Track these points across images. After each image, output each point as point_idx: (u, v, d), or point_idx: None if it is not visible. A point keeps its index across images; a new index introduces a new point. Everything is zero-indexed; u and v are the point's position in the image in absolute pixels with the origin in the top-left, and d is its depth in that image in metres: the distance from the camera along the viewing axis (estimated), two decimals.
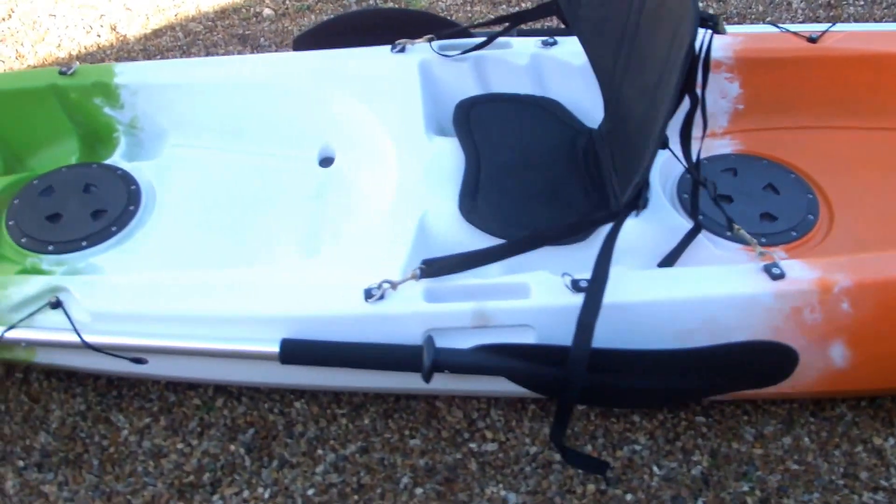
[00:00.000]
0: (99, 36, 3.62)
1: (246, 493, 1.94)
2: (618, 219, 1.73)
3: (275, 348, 1.78)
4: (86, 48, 3.56)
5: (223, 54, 3.45)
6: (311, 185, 2.38)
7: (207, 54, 3.45)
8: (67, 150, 2.53)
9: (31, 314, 1.87)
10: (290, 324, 1.81)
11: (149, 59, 3.46)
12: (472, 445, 2.00)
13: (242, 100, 2.48)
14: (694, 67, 1.68)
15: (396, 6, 3.63)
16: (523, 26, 2.54)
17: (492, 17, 3.42)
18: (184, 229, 2.28)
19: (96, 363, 1.95)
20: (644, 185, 1.69)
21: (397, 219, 2.03)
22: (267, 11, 3.66)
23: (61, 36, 3.63)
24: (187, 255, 2.20)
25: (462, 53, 2.40)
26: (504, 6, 3.53)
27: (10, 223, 2.25)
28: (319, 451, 2.01)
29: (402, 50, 2.45)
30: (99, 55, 3.51)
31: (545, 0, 2.40)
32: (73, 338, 1.83)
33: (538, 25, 2.64)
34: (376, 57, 2.46)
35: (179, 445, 2.04)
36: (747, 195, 2.21)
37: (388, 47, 2.47)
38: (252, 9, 3.69)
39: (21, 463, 2.03)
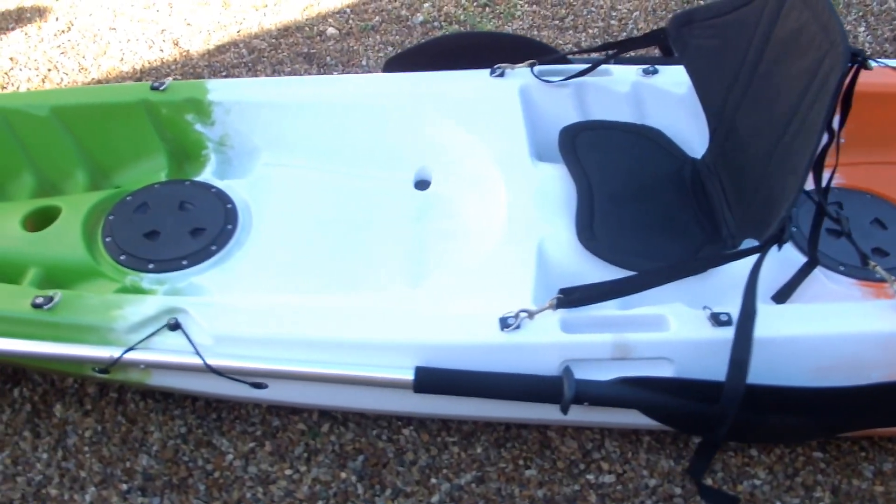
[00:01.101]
0: (162, 51, 3.60)
1: None
2: (762, 252, 1.72)
3: (408, 376, 1.74)
4: (149, 63, 3.53)
5: (289, 72, 3.43)
6: (408, 208, 2.36)
7: (273, 72, 3.43)
8: (155, 166, 2.50)
9: (150, 336, 1.83)
10: (422, 351, 1.77)
11: (214, 75, 3.44)
12: (590, 477, 1.97)
13: (337, 120, 2.45)
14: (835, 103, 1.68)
15: (493, 30, 3.60)
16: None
17: (562, 43, 3.44)
18: (283, 250, 2.24)
19: (213, 387, 1.90)
20: (788, 220, 1.69)
21: (513, 246, 2.01)
22: (331, 30, 3.65)
23: (123, 50, 3.61)
24: (289, 277, 2.16)
25: (566, 79, 2.40)
26: (571, 32, 3.53)
27: (108, 240, 2.21)
28: (433, 480, 1.97)
29: (502, 74, 2.44)
30: (163, 70, 3.48)
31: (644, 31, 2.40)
32: (195, 361, 1.79)
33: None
34: (475, 80, 2.45)
35: (288, 472, 2.00)
36: (856, 230, 2.20)
37: (487, 71, 2.46)
38: (315, 27, 3.68)
39: (124, 486, 1.98)
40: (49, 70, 3.50)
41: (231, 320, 1.83)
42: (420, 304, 1.87)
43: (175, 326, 1.83)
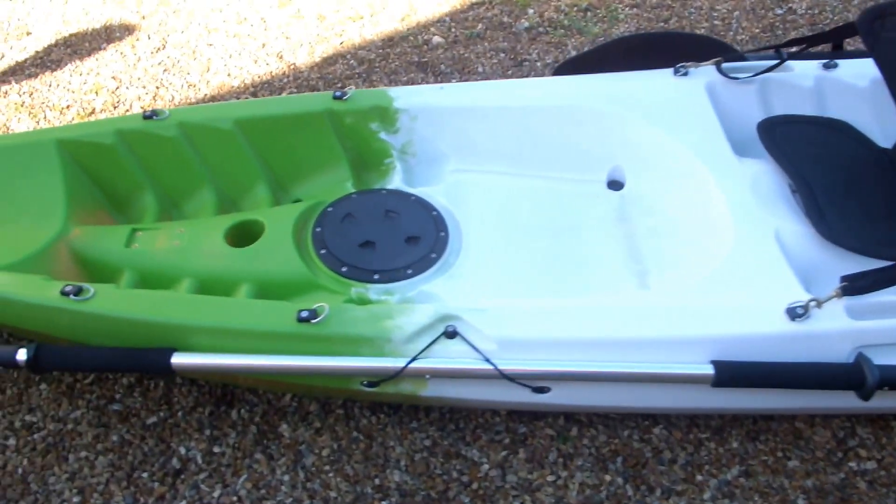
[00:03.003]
0: (268, 65, 3.54)
1: None
2: None
3: (707, 371, 1.73)
4: (259, 77, 3.46)
5: (406, 81, 3.40)
6: (607, 209, 2.35)
7: (389, 82, 3.39)
8: (336, 177, 2.44)
9: (430, 345, 1.78)
10: (710, 346, 1.76)
11: (328, 86, 3.39)
12: (852, 465, 1.97)
13: (523, 123, 2.43)
14: None
15: (671, 30, 3.57)
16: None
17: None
18: (498, 255, 2.21)
19: (489, 394, 1.86)
20: None
21: (750, 240, 2.00)
22: (436, 39, 3.63)
23: (227, 65, 3.53)
24: (513, 281, 2.13)
25: (753, 76, 2.42)
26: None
27: (322, 252, 2.16)
28: (699, 477, 1.95)
29: (686, 73, 2.46)
30: (275, 84, 3.42)
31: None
32: (484, 367, 1.75)
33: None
34: (659, 80, 2.46)
35: (549, 478, 1.96)
36: None
37: (670, 71, 2.48)
38: (419, 37, 3.65)
39: (387, 503, 1.93)
40: (157, 87, 3.41)
41: (512, 324, 1.80)
42: (707, 298, 1.86)
43: (453, 334, 1.79)
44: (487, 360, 1.74)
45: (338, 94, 2.42)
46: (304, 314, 1.80)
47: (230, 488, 1.98)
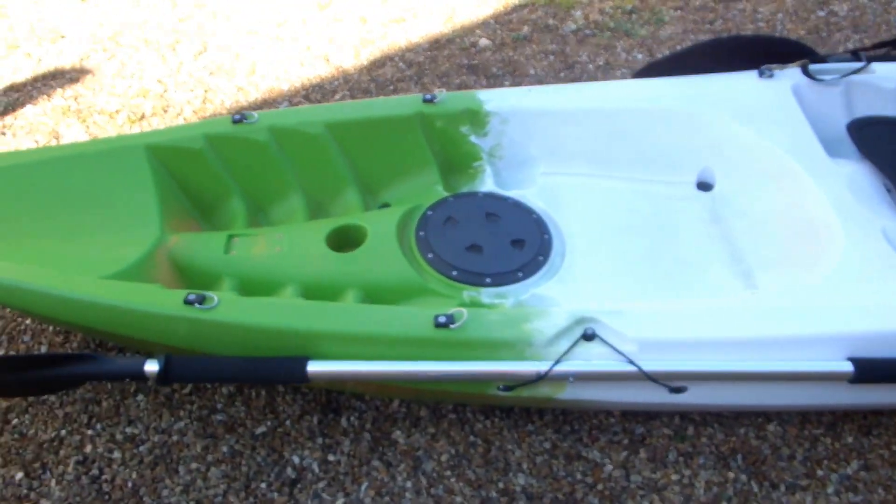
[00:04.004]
0: (315, 67, 3.50)
1: None
2: None
3: (846, 368, 1.76)
4: (308, 80, 3.42)
5: (458, 84, 3.39)
6: (699, 210, 2.37)
7: (442, 84, 3.37)
8: (425, 181, 2.43)
9: (571, 347, 1.78)
10: (845, 343, 1.79)
11: (380, 90, 3.36)
12: None
13: (611, 125, 2.44)
14: None
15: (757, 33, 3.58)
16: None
17: None
18: (601, 257, 2.22)
19: (625, 396, 1.87)
20: None
21: (861, 239, 2.02)
22: (483, 42, 3.62)
23: (274, 68, 3.48)
24: (621, 283, 2.14)
25: (841, 77, 2.47)
26: (725, 35, 3.62)
27: (430, 256, 2.14)
28: (820, 472, 1.98)
29: (772, 75, 2.49)
30: (327, 87, 3.38)
31: None
32: (628, 369, 1.76)
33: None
34: (744, 81, 2.49)
35: (674, 476, 1.97)
36: None
37: (754, 73, 2.51)
38: (466, 39, 3.65)
39: None
40: (205, 91, 3.35)
41: (650, 326, 1.80)
42: (803, 299, 1.89)
43: (591, 336, 1.79)
44: (631, 362, 1.75)
45: (427, 97, 2.41)
46: (442, 319, 1.78)
47: (353, 496, 1.95)
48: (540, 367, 1.76)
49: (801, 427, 2.07)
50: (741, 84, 2.49)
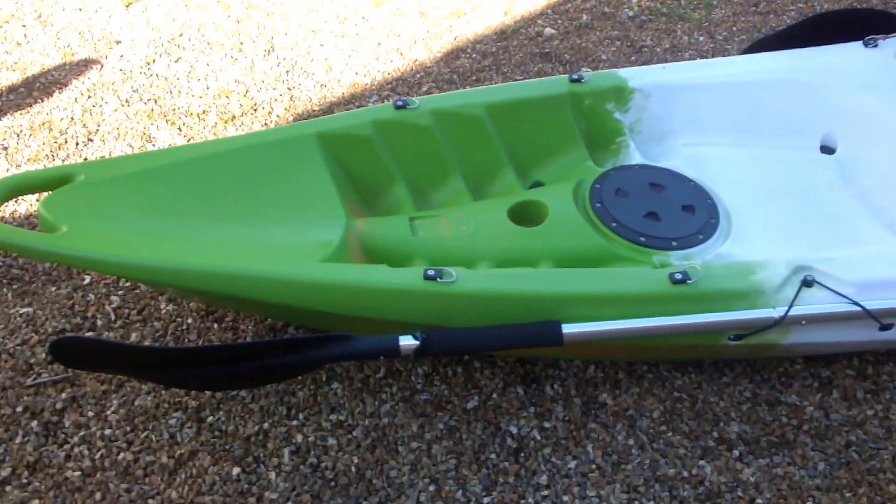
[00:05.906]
0: (392, 62, 3.53)
1: None
2: None
3: None
4: (390, 73, 3.45)
5: (536, 71, 3.48)
6: (829, 172, 2.53)
7: (521, 73, 3.47)
8: (573, 157, 2.51)
9: (798, 293, 1.90)
10: None
11: (463, 81, 3.42)
12: None
13: (742, 97, 2.58)
14: None
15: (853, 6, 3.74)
16: None
17: (775, 26, 3.73)
18: (761, 217, 2.33)
19: (839, 336, 2.00)
20: None
21: None
22: (548, 31, 3.73)
23: (349, 64, 3.50)
24: (792, 238, 2.27)
25: None
26: (772, 16, 3.84)
27: (613, 225, 2.23)
28: None
29: (876, 45, 2.69)
30: (411, 80, 3.42)
31: None
32: (851, 309, 1.89)
33: None
34: (853, 52, 2.68)
35: (869, 412, 2.11)
36: None
37: (859, 43, 2.70)
38: (531, 29, 3.75)
39: (735, 453, 2.02)
40: (289, 89, 3.34)
41: (862, 269, 1.94)
42: None
43: (811, 283, 1.92)
44: (855, 303, 1.89)
45: (574, 76, 2.50)
46: (679, 276, 1.88)
47: (582, 458, 2.01)
48: (775, 313, 1.87)
49: None
50: (850, 54, 2.68)
